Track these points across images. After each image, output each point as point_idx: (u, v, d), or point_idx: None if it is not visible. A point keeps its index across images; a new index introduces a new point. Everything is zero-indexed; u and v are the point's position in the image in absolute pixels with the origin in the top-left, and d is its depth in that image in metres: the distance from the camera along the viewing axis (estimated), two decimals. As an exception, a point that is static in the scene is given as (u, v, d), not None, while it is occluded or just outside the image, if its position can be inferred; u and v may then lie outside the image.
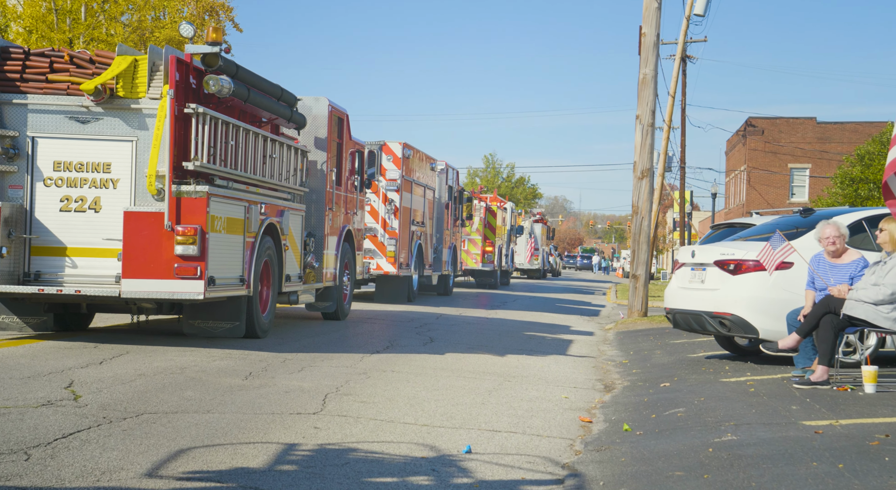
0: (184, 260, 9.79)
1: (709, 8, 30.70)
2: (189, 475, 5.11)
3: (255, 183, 11.46)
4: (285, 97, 12.43)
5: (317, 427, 6.46)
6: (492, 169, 74.41)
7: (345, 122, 15.01)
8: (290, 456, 5.64)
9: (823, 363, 8.17)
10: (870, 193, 36.65)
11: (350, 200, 15.57)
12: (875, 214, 9.93)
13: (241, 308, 11.10)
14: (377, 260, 19.75)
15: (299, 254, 12.94)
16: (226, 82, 10.35)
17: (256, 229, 11.14)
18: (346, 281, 15.36)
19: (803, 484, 4.87)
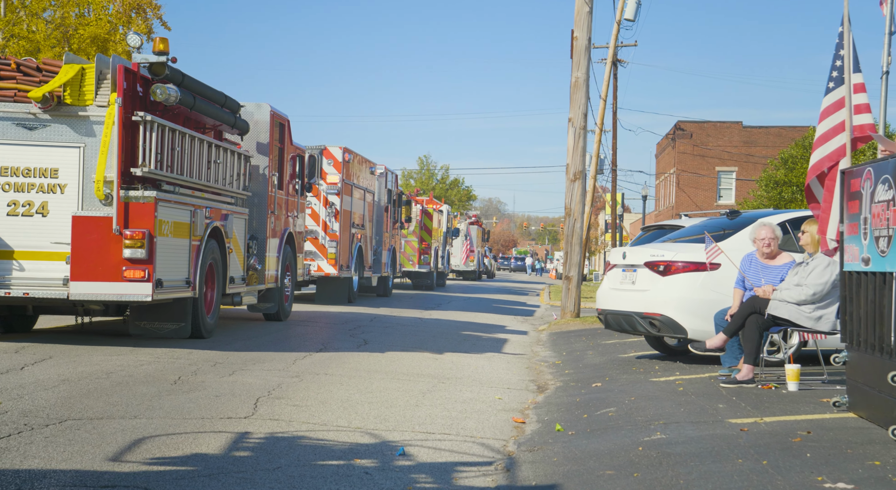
0: (132, 263, 10.14)
1: (639, 13, 31.18)
2: (114, 482, 5.01)
3: (201, 188, 11.75)
4: (229, 104, 12.75)
5: (247, 431, 6.40)
6: (426, 171, 74.48)
7: (286, 128, 15.31)
8: (221, 462, 5.56)
9: (749, 362, 8.35)
10: (793, 196, 37.58)
11: (291, 204, 15.81)
12: (797, 217, 10.18)
13: (187, 309, 11.40)
14: (318, 262, 20.06)
15: (242, 256, 13.24)
16: (173, 91, 10.63)
17: (202, 233, 11.45)
18: (287, 283, 15.63)
19: (729, 480, 4.97)
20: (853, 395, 6.70)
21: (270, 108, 14.41)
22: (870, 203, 6.25)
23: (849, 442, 5.69)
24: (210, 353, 10.58)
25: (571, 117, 18.95)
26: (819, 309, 8.33)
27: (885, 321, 5.97)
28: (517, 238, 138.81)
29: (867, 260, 6.28)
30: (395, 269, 27.35)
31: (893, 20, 8.53)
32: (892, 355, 5.84)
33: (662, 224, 14.19)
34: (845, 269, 6.81)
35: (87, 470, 5.20)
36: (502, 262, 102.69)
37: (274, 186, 14.70)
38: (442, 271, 36.69)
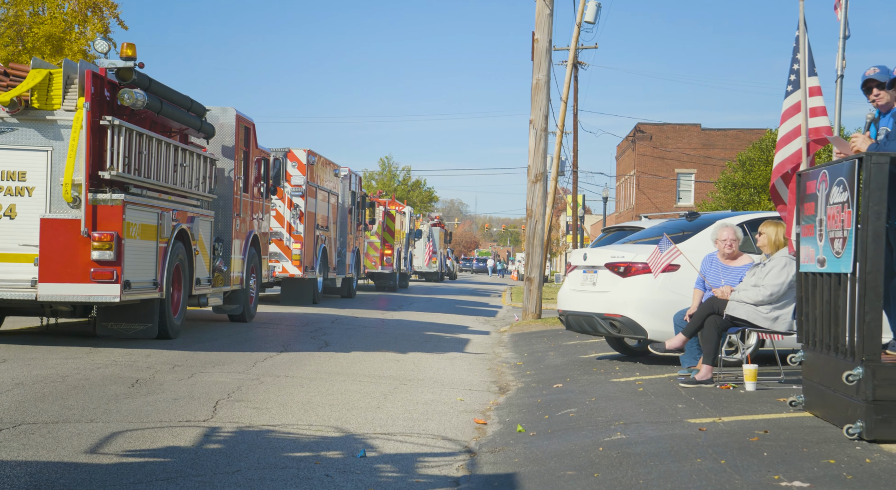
0: (100, 265, 10.31)
1: (599, 16, 31.38)
2: (70, 486, 4.94)
3: (168, 190, 11.92)
4: (195, 108, 12.92)
5: (206, 435, 6.34)
6: (388, 172, 74.38)
7: (251, 131, 15.49)
8: (180, 465, 5.51)
9: (708, 362, 8.44)
10: (751, 198, 38.05)
11: (256, 206, 15.99)
12: (754, 218, 10.30)
13: (154, 310, 11.59)
14: (283, 263, 20.20)
15: (208, 258, 13.43)
16: (140, 95, 10.80)
17: (169, 235, 11.65)
18: (252, 284, 15.81)
19: (688, 480, 5.01)
20: (809, 394, 6.80)
21: (236, 111, 14.54)
22: (825, 205, 6.35)
23: (805, 441, 5.76)
24: (169, 355, 10.47)
25: (532, 119, 19.03)
26: (776, 309, 8.44)
27: (840, 321, 6.06)
28: (479, 239, 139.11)
29: (822, 261, 6.37)
30: (359, 270, 27.58)
31: (848, 25, 8.67)
32: (847, 355, 5.93)
33: (623, 225, 14.30)
34: (801, 271, 6.90)
35: (41, 474, 5.12)
36: (464, 264, 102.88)
37: (239, 189, 14.85)
38: (404, 272, 36.79)
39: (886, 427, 5.62)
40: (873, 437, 5.63)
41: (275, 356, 11.04)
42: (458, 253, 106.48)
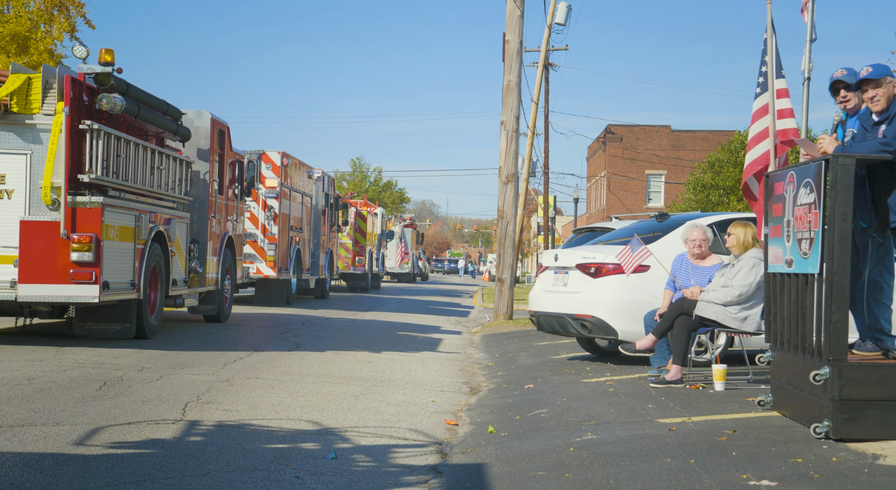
0: (80, 266, 10.55)
1: (569, 18, 31.50)
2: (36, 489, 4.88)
3: (145, 193, 12.16)
4: (171, 112, 13.17)
5: (176, 437, 6.29)
6: (359, 173, 74.14)
7: (226, 134, 15.67)
8: (148, 468, 5.46)
9: (677, 363, 8.49)
10: (720, 199, 38.37)
11: (231, 208, 16.22)
12: (723, 219, 10.39)
13: (132, 311, 11.83)
14: (257, 264, 20.44)
15: (184, 259, 13.65)
16: (118, 100, 11.00)
17: (146, 237, 11.92)
18: (227, 285, 16.02)
19: (658, 479, 5.04)
20: (777, 394, 6.86)
21: (211, 115, 14.72)
22: (793, 206, 6.41)
23: (773, 440, 5.82)
24: (138, 356, 10.39)
25: (504, 120, 19.06)
26: (745, 310, 8.51)
27: (808, 322, 6.12)
28: (450, 240, 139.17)
29: (790, 262, 6.43)
30: (332, 271, 27.82)
31: (814, 27, 8.76)
32: (814, 355, 5.99)
33: (594, 226, 14.35)
34: (769, 271, 6.96)
35: (5, 478, 5.06)
36: (436, 265, 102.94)
37: (214, 191, 15.04)
38: (377, 273, 37.00)
39: (852, 426, 5.68)
40: (840, 436, 5.69)
41: (245, 357, 10.97)
42: (430, 254, 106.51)
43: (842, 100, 6.82)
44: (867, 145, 6.23)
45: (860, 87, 6.43)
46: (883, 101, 6.30)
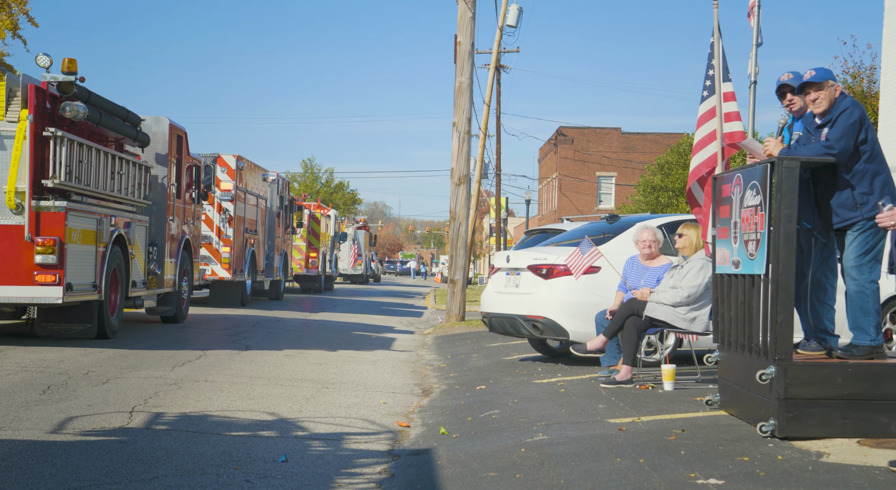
0: (43, 268, 10.91)
1: (521, 20, 31.62)
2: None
3: (106, 197, 12.53)
4: (130, 118, 13.53)
5: (122, 441, 6.19)
6: (310, 174, 73.64)
7: (184, 139, 16.01)
8: (93, 472, 5.37)
9: (627, 363, 8.57)
10: (669, 201, 38.83)
11: (188, 211, 16.59)
12: (672, 221, 10.51)
13: (93, 311, 12.15)
14: (212, 266, 20.66)
15: (144, 262, 14.07)
16: (81, 108, 11.38)
17: (107, 240, 12.26)
18: (184, 287, 16.38)
19: (608, 479, 5.08)
20: (724, 393, 6.95)
21: (169, 121, 15.07)
22: (739, 208, 6.50)
23: (720, 439, 5.89)
24: (83, 360, 10.21)
25: (456, 122, 19.09)
26: (693, 310, 8.62)
27: (754, 322, 6.21)
28: (403, 242, 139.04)
29: (737, 263, 6.52)
30: (286, 273, 28.06)
31: (760, 32, 8.93)
32: (761, 355, 6.08)
33: (545, 228, 14.42)
34: (717, 272, 7.06)
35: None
36: (388, 266, 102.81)
37: (172, 195, 15.41)
38: (330, 275, 37.27)
39: (797, 424, 5.78)
40: (785, 435, 5.79)
41: (195, 360, 10.85)
42: (382, 255, 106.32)
43: (788, 103, 6.94)
44: (811, 148, 6.34)
45: (803, 91, 6.55)
46: (824, 103, 6.42)
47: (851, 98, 6.49)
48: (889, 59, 17.87)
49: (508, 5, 30.23)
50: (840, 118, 6.30)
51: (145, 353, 11.33)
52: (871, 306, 6.30)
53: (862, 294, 6.30)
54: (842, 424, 5.77)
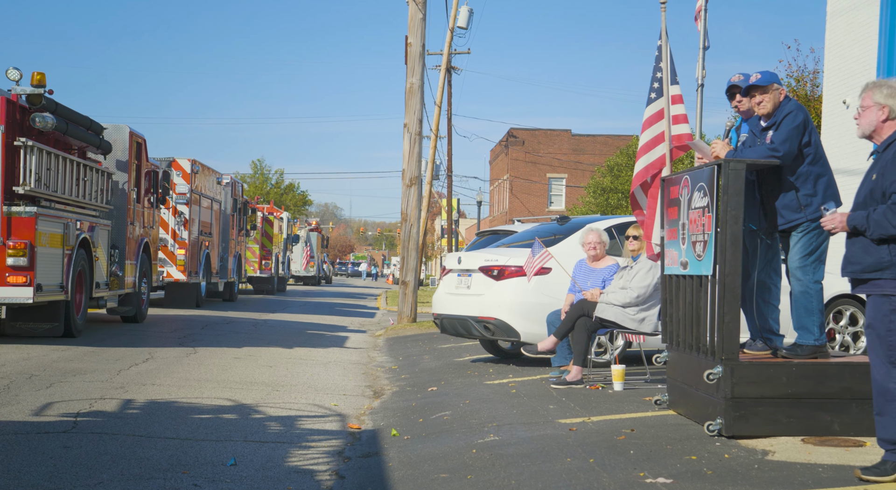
0: (15, 270, 11.55)
1: (471, 21, 31.70)
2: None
3: (72, 203, 13.14)
4: (94, 127, 14.21)
5: (67, 446, 6.08)
6: (260, 175, 72.99)
7: (143, 146, 16.64)
8: (37, 478, 5.26)
9: (578, 363, 8.63)
10: (619, 202, 39.22)
11: (147, 215, 17.29)
12: (622, 222, 10.61)
13: (60, 311, 12.77)
14: (168, 268, 21.08)
15: (106, 264, 14.68)
16: (50, 119, 12.03)
17: (73, 243, 12.87)
18: (144, 288, 17.01)
19: (558, 479, 5.11)
20: (673, 393, 7.03)
21: (129, 129, 15.70)
22: (687, 209, 6.58)
23: (669, 438, 5.96)
24: (26, 364, 10.01)
25: (407, 123, 19.08)
26: (642, 311, 8.70)
27: (702, 322, 6.29)
28: (354, 243, 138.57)
29: (685, 264, 6.60)
30: (240, 274, 28.50)
31: (707, 35, 9.05)
32: (708, 354, 6.16)
33: (496, 229, 14.47)
34: (665, 273, 7.13)
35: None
36: (340, 268, 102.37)
37: (133, 200, 16.03)
38: (283, 277, 37.71)
39: (744, 423, 5.87)
40: (732, 433, 5.87)
41: (140, 364, 10.69)
42: (334, 257, 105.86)
43: (736, 104, 7.04)
44: (757, 151, 6.44)
45: (748, 93, 6.65)
46: (769, 106, 6.53)
47: (795, 101, 6.61)
48: (832, 63, 18.24)
49: (459, 7, 30.30)
50: (784, 121, 6.41)
51: (102, 353, 11.14)
52: (816, 306, 6.41)
53: (806, 294, 6.41)
54: (787, 423, 5.87)
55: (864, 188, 5.06)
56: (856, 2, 17.36)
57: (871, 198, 4.94)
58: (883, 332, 4.86)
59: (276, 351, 13.03)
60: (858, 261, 4.96)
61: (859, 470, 4.93)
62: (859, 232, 4.94)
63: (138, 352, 12.04)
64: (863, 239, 4.94)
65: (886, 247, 4.85)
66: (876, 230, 4.84)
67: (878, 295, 4.89)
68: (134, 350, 12.23)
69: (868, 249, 4.91)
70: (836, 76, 17.81)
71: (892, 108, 5.02)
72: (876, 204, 4.91)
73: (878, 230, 4.83)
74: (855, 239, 5.00)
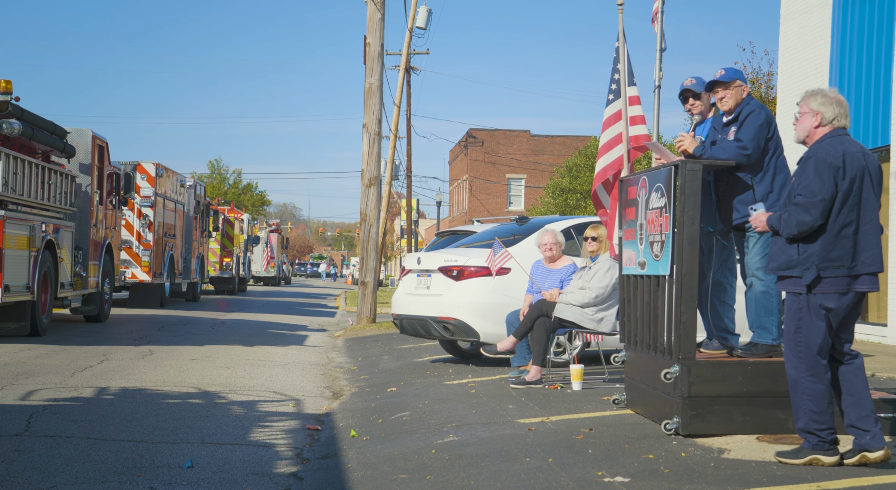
0: None
1: (430, 22, 31.73)
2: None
3: (37, 206, 13.56)
4: (58, 131, 14.61)
5: (19, 449, 5.97)
6: (218, 175, 72.30)
7: (105, 150, 17.03)
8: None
9: (537, 363, 8.66)
10: (577, 203, 39.44)
11: (110, 217, 17.76)
12: (580, 223, 10.67)
13: (27, 311, 13.17)
14: (132, 269, 21.65)
15: (70, 265, 15.04)
16: (16, 125, 12.52)
17: (39, 245, 13.29)
18: (106, 288, 17.46)
19: (517, 479, 5.12)
20: (631, 392, 7.08)
21: (91, 132, 16.14)
22: (645, 210, 6.63)
23: (626, 437, 6.00)
24: None
25: (366, 123, 19.02)
26: (601, 311, 8.76)
27: (659, 322, 6.34)
28: (313, 243, 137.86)
29: (643, 264, 6.65)
30: (203, 275, 29.13)
31: (664, 37, 9.13)
32: (665, 354, 6.21)
33: (456, 230, 14.49)
34: (624, 273, 7.18)
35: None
36: (299, 268, 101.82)
37: (96, 202, 16.50)
38: (243, 277, 38.51)
39: (700, 422, 5.92)
40: (689, 432, 5.92)
41: (97, 365, 10.54)
42: (292, 257, 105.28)
43: (689, 107, 7.12)
44: (726, 149, 6.43)
45: (712, 88, 6.74)
46: (731, 102, 6.61)
47: (757, 101, 6.69)
48: (786, 65, 18.50)
49: (418, 7, 30.30)
50: (749, 119, 6.46)
51: (51, 356, 10.96)
52: (775, 306, 6.49)
53: (767, 294, 6.47)
54: (742, 421, 5.94)
55: (787, 189, 5.41)
56: (809, 5, 17.63)
57: (788, 199, 5.26)
58: (793, 327, 5.17)
59: (234, 351, 12.91)
60: (776, 258, 5.30)
61: (777, 453, 5.23)
62: (776, 231, 5.27)
63: (98, 351, 11.90)
64: (781, 238, 5.27)
65: (796, 246, 5.18)
66: (784, 229, 5.18)
67: (791, 292, 5.21)
68: (94, 349, 12.09)
69: (784, 248, 5.25)
70: (790, 78, 18.08)
71: (823, 115, 5.32)
72: (789, 204, 5.24)
73: (786, 230, 5.17)
74: (776, 238, 5.33)
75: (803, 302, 5.11)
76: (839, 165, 5.09)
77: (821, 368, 5.10)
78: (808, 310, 5.09)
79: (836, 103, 5.29)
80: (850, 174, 5.10)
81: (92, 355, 11.52)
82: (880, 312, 15.05)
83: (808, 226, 5.05)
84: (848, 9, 16.18)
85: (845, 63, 16.11)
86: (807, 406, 5.10)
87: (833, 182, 5.06)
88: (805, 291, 5.10)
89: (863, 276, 5.11)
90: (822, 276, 5.07)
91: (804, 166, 5.18)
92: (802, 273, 5.10)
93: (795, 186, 5.17)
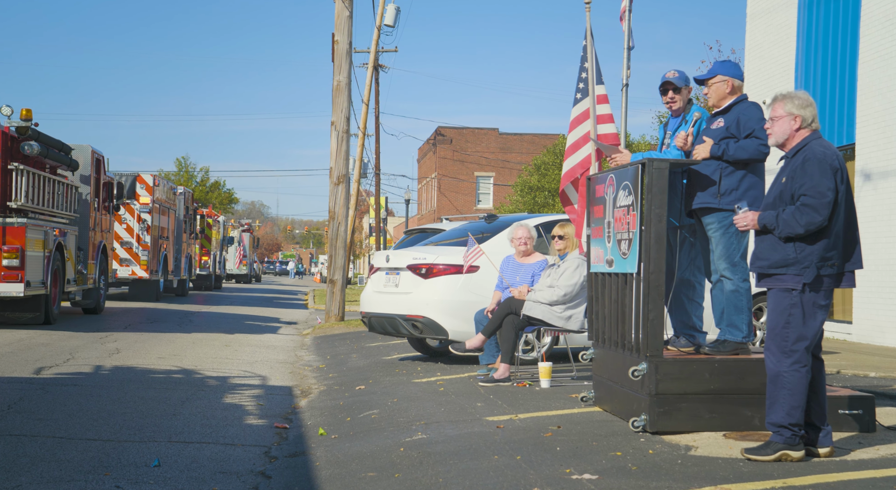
0: (9, 270, 14.20)
1: (398, 20, 31.66)
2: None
3: (50, 213, 15.89)
4: (65, 149, 16.78)
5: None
6: (185, 173, 71.67)
7: (101, 162, 19.54)
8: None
9: (505, 361, 8.68)
10: (546, 201, 39.58)
11: (105, 221, 20.22)
12: (549, 221, 10.71)
13: (42, 303, 15.31)
14: (132, 267, 24.62)
15: (74, 263, 17.16)
16: (37, 147, 14.82)
17: (51, 246, 15.54)
18: (102, 284, 19.65)
19: (485, 477, 5.13)
20: (599, 390, 7.12)
21: (91, 148, 18.61)
22: (612, 208, 6.67)
23: (594, 435, 6.03)
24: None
25: (334, 121, 18.96)
26: (569, 309, 8.79)
27: (627, 320, 6.38)
28: (281, 241, 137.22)
29: (611, 262, 6.68)
30: (190, 273, 32.19)
31: (632, 35, 9.16)
32: (633, 351, 6.25)
33: (425, 227, 14.48)
34: (592, 271, 7.22)
35: None
36: (268, 266, 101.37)
37: (94, 209, 18.85)
38: (219, 275, 40.72)
39: (668, 419, 5.97)
40: (656, 429, 5.96)
41: (62, 365, 10.43)
42: (261, 255, 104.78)
43: (669, 100, 7.08)
44: (747, 148, 6.31)
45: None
46: (714, 97, 6.67)
47: (745, 96, 6.74)
48: (752, 64, 18.68)
49: (386, 5, 30.23)
50: (750, 116, 6.44)
51: (15, 354, 10.82)
52: (745, 305, 6.53)
53: (737, 293, 6.52)
54: (709, 418, 5.99)
55: (773, 190, 5.42)
56: (775, 4, 17.81)
57: (780, 199, 5.31)
58: (781, 323, 5.22)
59: (202, 349, 12.82)
60: (766, 257, 5.32)
61: (744, 450, 5.28)
62: (769, 230, 5.31)
63: (39, 359, 11.74)
64: (771, 237, 5.30)
65: (792, 245, 5.22)
66: (784, 229, 5.20)
67: (781, 289, 5.25)
68: (56, 348, 11.93)
69: (775, 247, 5.27)
70: (757, 77, 18.25)
71: (804, 117, 5.38)
72: (785, 205, 5.28)
73: (787, 229, 5.19)
74: (764, 237, 5.36)
75: (796, 299, 5.18)
76: (838, 167, 5.22)
77: (808, 362, 5.22)
78: (803, 306, 5.18)
79: (811, 105, 5.43)
80: (845, 176, 5.25)
81: (50, 357, 11.37)
82: (845, 310, 15.25)
83: (817, 226, 5.14)
84: (813, 8, 16.36)
85: (811, 62, 16.29)
86: (786, 400, 5.18)
87: (835, 183, 5.19)
88: (800, 289, 5.18)
89: (847, 274, 5.27)
90: (822, 274, 5.19)
91: (804, 168, 5.22)
92: (802, 272, 5.17)
93: (798, 187, 5.21)
